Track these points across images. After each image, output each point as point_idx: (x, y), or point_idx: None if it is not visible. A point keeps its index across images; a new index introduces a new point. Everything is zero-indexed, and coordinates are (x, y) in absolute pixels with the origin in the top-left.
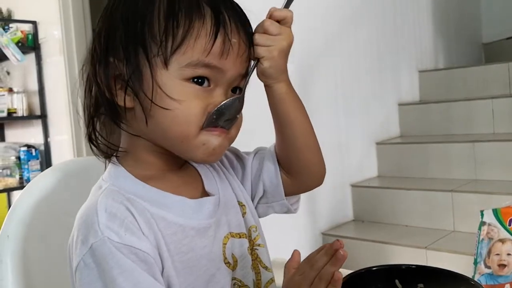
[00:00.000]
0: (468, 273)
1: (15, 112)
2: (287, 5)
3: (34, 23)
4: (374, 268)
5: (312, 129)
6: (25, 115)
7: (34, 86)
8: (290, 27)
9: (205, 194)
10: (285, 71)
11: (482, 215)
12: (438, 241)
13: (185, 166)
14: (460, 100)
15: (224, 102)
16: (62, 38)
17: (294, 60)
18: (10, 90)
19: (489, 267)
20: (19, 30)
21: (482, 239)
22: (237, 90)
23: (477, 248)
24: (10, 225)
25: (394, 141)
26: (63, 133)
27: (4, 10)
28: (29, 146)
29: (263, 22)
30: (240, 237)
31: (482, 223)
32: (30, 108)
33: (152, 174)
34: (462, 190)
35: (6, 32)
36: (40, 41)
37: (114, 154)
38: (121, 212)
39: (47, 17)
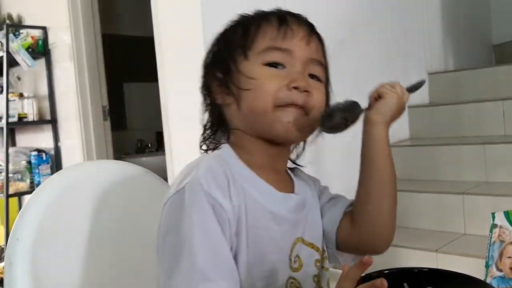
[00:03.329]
0: (480, 277)
1: (25, 117)
2: (410, 90)
3: (44, 28)
4: (385, 271)
5: (392, 186)
6: (35, 120)
7: (44, 91)
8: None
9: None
10: (389, 121)
11: (493, 217)
12: (448, 244)
13: (283, 173)
14: (470, 102)
15: (347, 100)
16: (72, 43)
17: None
18: (21, 95)
19: (501, 270)
20: (29, 35)
21: (494, 241)
22: (314, 78)
23: (489, 251)
24: (20, 228)
25: (403, 144)
26: (73, 138)
27: (15, 16)
28: (39, 151)
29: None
30: (312, 247)
31: (494, 226)
32: (40, 113)
33: (255, 161)
34: (473, 192)
35: (16, 37)
36: (50, 47)
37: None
38: (218, 173)
39: (57, 23)
